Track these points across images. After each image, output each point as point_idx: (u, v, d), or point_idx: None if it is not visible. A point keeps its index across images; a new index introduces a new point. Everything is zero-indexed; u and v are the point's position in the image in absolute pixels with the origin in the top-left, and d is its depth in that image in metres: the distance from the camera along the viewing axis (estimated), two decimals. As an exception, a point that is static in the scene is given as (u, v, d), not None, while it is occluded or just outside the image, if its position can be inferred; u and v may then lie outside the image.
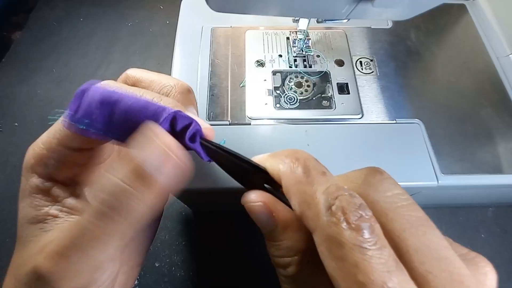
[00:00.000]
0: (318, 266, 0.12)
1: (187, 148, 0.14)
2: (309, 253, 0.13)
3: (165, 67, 0.49)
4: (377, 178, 0.14)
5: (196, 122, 0.15)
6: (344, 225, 0.11)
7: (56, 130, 0.16)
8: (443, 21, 0.37)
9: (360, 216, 0.11)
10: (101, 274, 0.14)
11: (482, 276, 0.12)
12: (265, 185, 0.15)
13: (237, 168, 0.15)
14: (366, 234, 0.11)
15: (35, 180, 0.16)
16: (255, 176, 0.15)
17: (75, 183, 0.18)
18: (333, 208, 0.11)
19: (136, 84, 0.19)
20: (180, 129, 0.14)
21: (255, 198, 0.14)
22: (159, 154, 0.12)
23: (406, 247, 0.11)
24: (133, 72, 0.19)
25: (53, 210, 0.16)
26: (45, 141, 0.16)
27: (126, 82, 0.19)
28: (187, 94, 0.18)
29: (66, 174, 0.17)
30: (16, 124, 0.43)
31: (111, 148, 0.20)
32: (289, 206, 0.14)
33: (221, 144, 0.15)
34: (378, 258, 0.10)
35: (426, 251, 0.11)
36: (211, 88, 0.31)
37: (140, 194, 0.12)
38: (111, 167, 0.13)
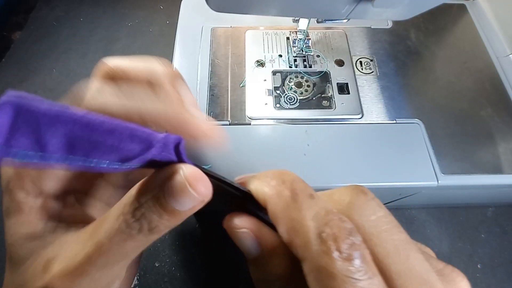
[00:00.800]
0: None
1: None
2: (293, 279, 0.13)
3: (165, 67, 0.49)
4: (361, 200, 0.13)
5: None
6: (335, 254, 0.11)
7: None
8: (443, 21, 0.37)
9: (351, 244, 0.11)
10: (113, 284, 0.14)
11: None
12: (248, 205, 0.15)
13: (219, 191, 0.14)
14: (358, 263, 0.10)
15: (22, 196, 0.14)
16: (237, 199, 0.15)
17: (66, 193, 0.16)
18: (324, 235, 0.11)
19: (119, 75, 0.17)
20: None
21: (239, 224, 0.14)
22: (182, 193, 0.12)
23: (390, 272, 0.11)
24: (114, 62, 0.17)
25: (49, 224, 0.15)
26: None
27: (107, 75, 0.17)
28: (178, 80, 0.17)
29: (56, 186, 0.15)
30: (16, 124, 0.43)
31: None
32: (274, 228, 0.14)
33: (206, 168, 0.14)
34: None
35: (409, 275, 0.11)
36: (211, 88, 0.31)
37: (165, 221, 0.12)
38: (138, 192, 0.13)
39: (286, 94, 0.31)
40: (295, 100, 0.31)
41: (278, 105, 0.31)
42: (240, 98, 0.31)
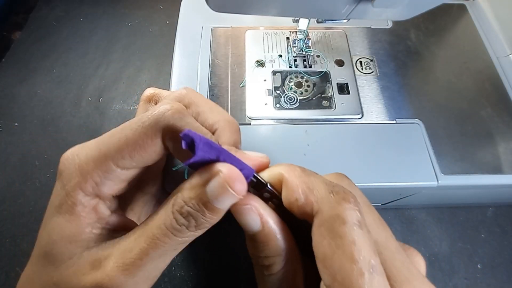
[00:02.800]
0: (299, 263, 0.15)
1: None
2: (292, 252, 0.15)
3: (165, 67, 0.49)
4: (345, 182, 0.16)
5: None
6: (346, 205, 0.13)
7: (110, 148, 0.15)
8: (443, 21, 0.37)
9: (355, 199, 0.13)
10: (154, 282, 0.15)
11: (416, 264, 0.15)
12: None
13: None
14: (360, 214, 0.13)
15: (81, 197, 0.15)
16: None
17: (115, 199, 0.17)
18: (335, 191, 0.13)
19: (191, 106, 0.19)
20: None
21: (244, 200, 0.15)
22: (221, 190, 0.14)
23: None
24: (191, 94, 0.19)
25: (97, 229, 0.15)
26: (96, 159, 0.15)
27: (180, 101, 0.19)
28: (236, 134, 0.19)
29: (111, 191, 0.16)
30: (16, 124, 0.43)
31: (157, 168, 0.20)
32: (274, 208, 0.16)
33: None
34: (368, 239, 0.12)
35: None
36: (211, 88, 0.31)
37: (208, 218, 0.14)
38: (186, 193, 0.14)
39: (286, 94, 0.31)
40: (295, 100, 0.31)
41: (278, 105, 0.31)
42: (240, 98, 0.31)
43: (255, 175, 0.16)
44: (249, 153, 0.17)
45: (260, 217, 0.15)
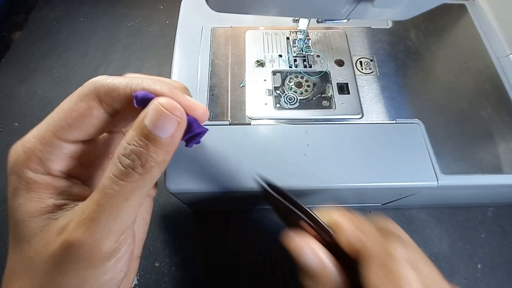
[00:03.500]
0: None
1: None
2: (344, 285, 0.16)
3: (165, 67, 0.49)
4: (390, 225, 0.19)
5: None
6: (395, 243, 0.16)
7: (49, 123, 0.16)
8: (443, 21, 0.37)
9: (402, 239, 0.16)
10: (125, 238, 0.15)
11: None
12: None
13: (289, 213, 0.20)
14: (407, 251, 0.16)
15: (31, 175, 0.15)
16: (295, 216, 0.19)
17: (73, 177, 0.17)
18: (385, 233, 0.17)
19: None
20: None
21: (302, 242, 0.17)
22: (158, 115, 0.15)
23: None
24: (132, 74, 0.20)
25: (60, 200, 0.16)
26: (36, 135, 0.16)
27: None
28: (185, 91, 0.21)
29: (63, 167, 0.16)
30: (16, 124, 0.43)
31: (115, 141, 0.21)
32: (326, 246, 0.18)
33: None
34: (416, 273, 0.15)
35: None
36: (211, 88, 0.31)
37: (152, 153, 0.15)
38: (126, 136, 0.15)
39: (286, 94, 0.31)
40: (295, 100, 0.31)
41: (278, 105, 0.31)
42: (240, 98, 0.31)
43: (322, 223, 0.18)
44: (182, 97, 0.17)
45: (316, 255, 0.17)
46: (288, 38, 0.35)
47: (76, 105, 0.16)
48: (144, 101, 0.15)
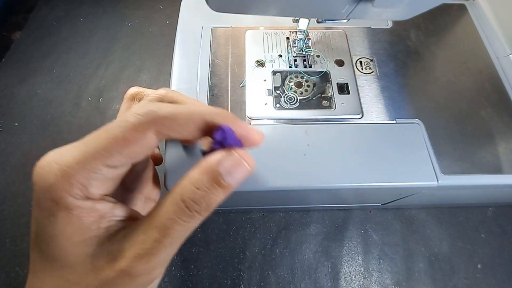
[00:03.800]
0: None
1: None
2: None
3: (165, 67, 0.49)
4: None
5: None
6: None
7: (96, 148, 0.15)
8: (443, 21, 0.37)
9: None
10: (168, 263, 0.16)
11: None
12: None
13: None
14: None
15: (72, 200, 0.14)
16: None
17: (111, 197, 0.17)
18: None
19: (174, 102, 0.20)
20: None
21: None
22: (236, 165, 0.16)
23: None
24: (171, 93, 0.20)
25: (103, 224, 0.15)
26: (79, 159, 0.14)
27: (162, 99, 0.20)
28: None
29: (104, 191, 0.16)
30: (16, 124, 0.43)
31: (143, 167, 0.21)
32: None
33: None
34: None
35: None
36: (211, 88, 0.31)
37: (218, 197, 0.15)
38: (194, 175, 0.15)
39: (286, 94, 0.31)
40: (295, 100, 0.31)
41: (278, 105, 0.31)
42: (240, 98, 0.31)
43: None
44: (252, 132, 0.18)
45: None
46: (288, 38, 0.35)
47: (130, 135, 0.15)
48: (221, 143, 0.16)
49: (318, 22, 0.29)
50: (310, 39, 0.34)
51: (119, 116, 0.20)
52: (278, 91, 0.32)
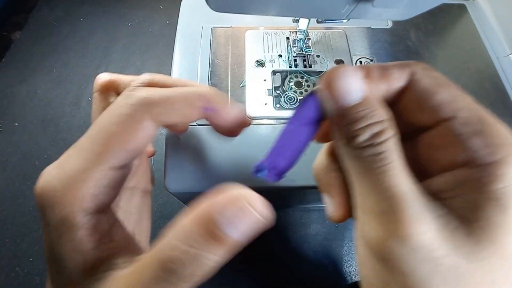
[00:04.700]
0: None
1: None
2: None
3: (165, 67, 0.49)
4: None
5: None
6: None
7: (98, 150, 0.13)
8: (443, 21, 0.37)
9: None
10: None
11: None
12: None
13: None
14: None
15: (80, 219, 0.13)
16: None
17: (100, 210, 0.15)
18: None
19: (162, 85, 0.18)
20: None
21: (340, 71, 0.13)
22: (239, 211, 0.11)
23: None
24: (157, 76, 0.18)
25: (100, 246, 0.13)
26: (85, 167, 0.13)
27: (150, 83, 0.18)
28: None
29: (109, 199, 0.14)
30: (16, 124, 0.43)
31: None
32: None
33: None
34: None
35: None
36: (211, 88, 0.31)
37: (212, 255, 0.11)
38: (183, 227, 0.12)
39: (286, 94, 0.31)
40: (295, 100, 0.31)
41: (278, 105, 0.31)
42: (240, 98, 0.31)
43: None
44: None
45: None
46: (288, 38, 0.35)
47: (129, 128, 0.14)
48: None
49: (318, 22, 0.29)
50: (310, 39, 0.34)
51: (95, 111, 0.19)
52: (278, 91, 0.32)
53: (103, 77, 0.19)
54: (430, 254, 0.10)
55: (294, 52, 0.34)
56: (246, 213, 0.11)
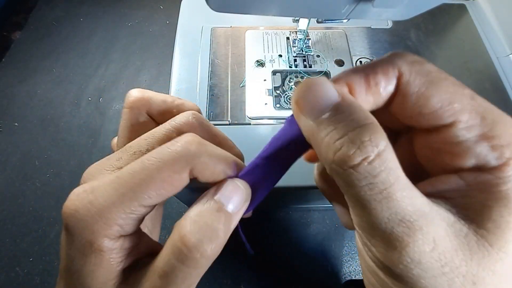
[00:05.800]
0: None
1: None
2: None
3: (165, 67, 0.49)
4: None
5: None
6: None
7: (134, 189, 0.14)
8: (443, 21, 0.37)
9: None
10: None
11: None
12: None
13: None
14: None
15: (106, 243, 0.14)
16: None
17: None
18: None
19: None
20: None
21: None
22: (232, 189, 0.16)
23: None
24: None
25: (125, 262, 0.15)
26: (116, 201, 0.14)
27: (195, 130, 0.17)
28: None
29: (134, 228, 0.15)
30: (16, 124, 0.43)
31: None
32: None
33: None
34: None
35: None
36: (211, 88, 0.31)
37: (222, 225, 0.15)
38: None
39: (286, 94, 0.31)
40: (295, 100, 0.31)
41: (278, 105, 0.31)
42: (240, 98, 0.31)
43: None
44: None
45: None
46: (288, 38, 0.35)
47: (168, 177, 0.15)
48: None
49: (318, 22, 0.29)
50: (310, 39, 0.34)
51: (123, 127, 0.19)
52: (278, 91, 0.32)
53: (134, 94, 0.19)
54: (444, 268, 0.10)
55: (294, 52, 0.34)
56: (237, 190, 0.15)
